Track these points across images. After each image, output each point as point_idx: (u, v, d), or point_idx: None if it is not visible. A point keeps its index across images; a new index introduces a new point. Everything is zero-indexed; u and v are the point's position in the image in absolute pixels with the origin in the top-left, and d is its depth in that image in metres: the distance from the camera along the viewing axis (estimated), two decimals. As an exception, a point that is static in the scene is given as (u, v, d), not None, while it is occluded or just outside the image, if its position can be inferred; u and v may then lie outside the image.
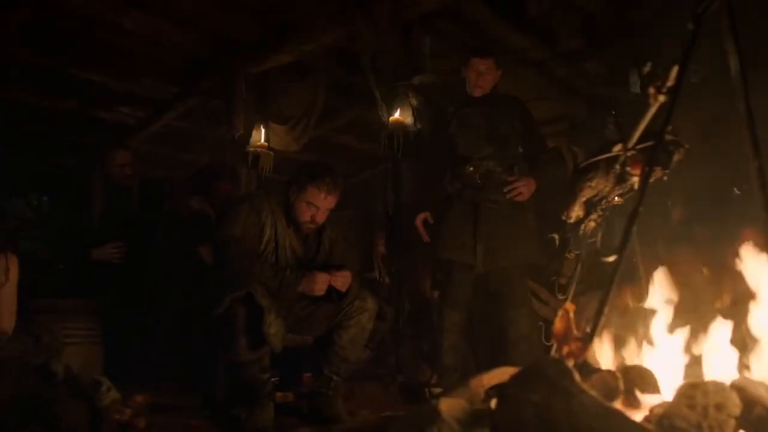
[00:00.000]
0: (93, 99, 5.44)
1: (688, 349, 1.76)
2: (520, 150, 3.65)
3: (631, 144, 2.75)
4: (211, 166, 4.52)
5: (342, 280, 3.04)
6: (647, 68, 2.43)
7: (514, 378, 1.39)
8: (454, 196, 3.59)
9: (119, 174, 4.36)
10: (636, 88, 4.25)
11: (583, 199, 3.22)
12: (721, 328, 1.71)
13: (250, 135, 4.82)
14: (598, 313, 1.64)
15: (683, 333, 1.78)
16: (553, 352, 1.95)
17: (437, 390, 3.52)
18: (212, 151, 5.25)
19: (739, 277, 1.82)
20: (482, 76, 3.57)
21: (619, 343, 1.88)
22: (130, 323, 4.13)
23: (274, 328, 2.74)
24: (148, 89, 5.22)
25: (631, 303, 2.43)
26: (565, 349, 1.61)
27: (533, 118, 3.79)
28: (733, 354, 1.67)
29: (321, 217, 3.10)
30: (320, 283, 2.98)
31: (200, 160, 5.34)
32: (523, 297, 3.65)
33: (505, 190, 3.50)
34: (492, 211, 3.51)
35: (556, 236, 3.61)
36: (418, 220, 3.67)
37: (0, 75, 4.85)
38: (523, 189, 3.49)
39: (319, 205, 3.05)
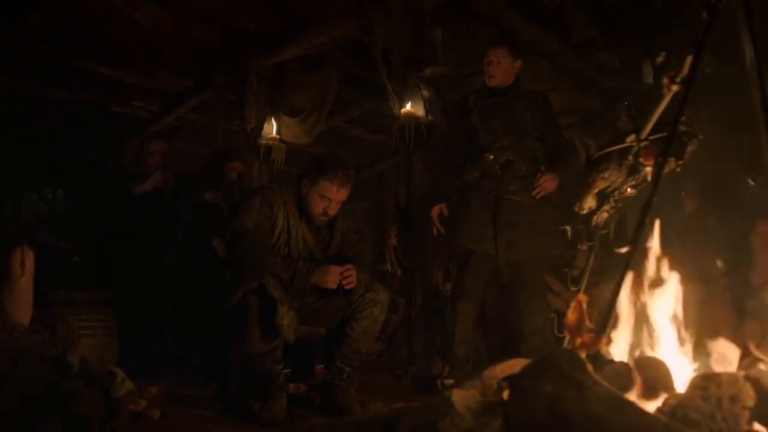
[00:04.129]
0: (108, 93, 5.47)
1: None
2: (539, 144, 3.63)
3: (644, 135, 2.74)
4: (219, 152, 4.53)
5: (349, 277, 3.03)
6: (661, 58, 2.42)
7: (526, 369, 1.39)
8: (472, 185, 3.59)
9: (151, 161, 4.37)
10: (649, 79, 4.23)
11: (596, 190, 3.21)
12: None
13: (262, 128, 4.83)
14: (611, 305, 1.64)
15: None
16: (566, 344, 1.95)
17: (449, 382, 3.53)
18: (225, 143, 5.27)
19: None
20: (494, 66, 3.57)
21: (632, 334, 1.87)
22: (144, 315, 4.16)
23: (287, 319, 2.75)
24: (162, 82, 5.24)
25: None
26: (578, 341, 1.61)
27: (555, 115, 3.77)
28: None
29: (334, 209, 3.11)
30: (332, 275, 2.99)
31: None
32: (540, 289, 3.64)
33: (533, 192, 3.49)
34: (512, 202, 3.50)
35: (569, 228, 3.61)
36: (434, 212, 3.65)
37: (18, 70, 4.89)
38: (547, 185, 3.48)
39: (331, 197, 3.05)
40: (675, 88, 2.15)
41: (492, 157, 3.50)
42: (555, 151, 3.62)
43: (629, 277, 1.73)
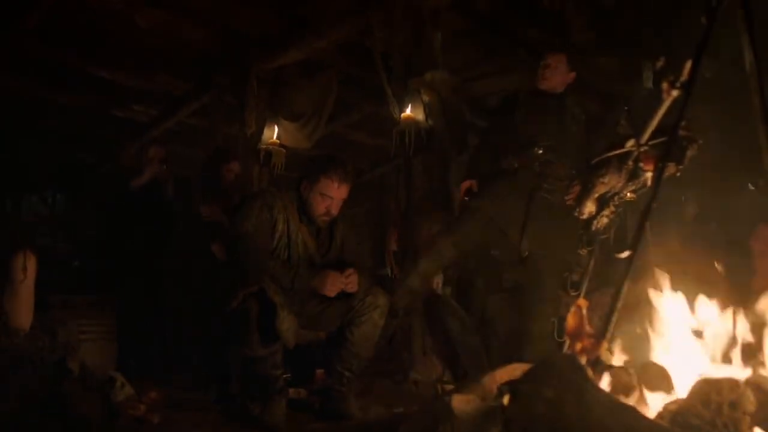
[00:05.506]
0: (108, 96, 5.47)
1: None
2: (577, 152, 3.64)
3: (643, 140, 2.74)
4: (217, 150, 4.53)
5: (351, 281, 3.04)
6: (660, 63, 2.42)
7: (526, 374, 1.39)
8: (508, 175, 3.59)
9: (149, 167, 4.37)
10: (649, 83, 4.22)
11: (596, 195, 3.21)
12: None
13: (262, 132, 4.82)
14: (611, 310, 1.63)
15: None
16: (565, 349, 1.95)
17: (449, 386, 3.52)
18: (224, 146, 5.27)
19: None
20: (550, 69, 3.61)
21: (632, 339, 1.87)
22: (144, 316, 4.15)
23: (286, 324, 2.74)
24: (162, 85, 5.24)
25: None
26: (578, 346, 1.61)
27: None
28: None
29: (336, 208, 3.11)
30: (331, 285, 2.99)
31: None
32: (553, 295, 3.63)
33: (567, 197, 3.49)
34: (545, 200, 3.51)
35: (569, 232, 3.59)
36: (463, 185, 3.67)
37: (18, 70, 4.89)
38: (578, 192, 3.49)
39: (333, 195, 3.05)
40: (675, 92, 2.15)
41: (541, 151, 3.52)
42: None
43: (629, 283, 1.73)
